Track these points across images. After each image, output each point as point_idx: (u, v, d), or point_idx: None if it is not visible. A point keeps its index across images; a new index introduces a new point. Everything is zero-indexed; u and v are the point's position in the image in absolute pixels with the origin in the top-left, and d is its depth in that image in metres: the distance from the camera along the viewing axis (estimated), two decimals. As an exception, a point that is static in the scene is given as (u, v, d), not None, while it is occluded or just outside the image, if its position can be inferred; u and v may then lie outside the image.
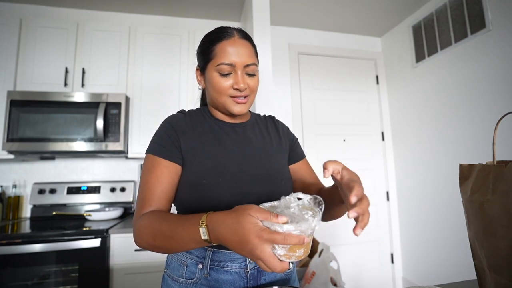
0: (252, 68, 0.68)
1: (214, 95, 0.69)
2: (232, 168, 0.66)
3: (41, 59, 1.78)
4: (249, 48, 0.68)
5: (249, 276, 0.64)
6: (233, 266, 0.64)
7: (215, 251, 0.64)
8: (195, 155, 0.66)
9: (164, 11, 2.21)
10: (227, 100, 0.68)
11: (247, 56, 0.67)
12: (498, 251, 0.48)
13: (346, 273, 2.27)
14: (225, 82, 0.66)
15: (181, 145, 0.66)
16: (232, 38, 0.67)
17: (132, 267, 1.50)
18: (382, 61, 2.67)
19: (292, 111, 2.39)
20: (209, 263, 0.63)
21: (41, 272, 1.38)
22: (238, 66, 0.66)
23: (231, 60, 0.65)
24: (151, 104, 1.89)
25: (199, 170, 0.65)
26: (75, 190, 1.93)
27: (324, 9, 2.24)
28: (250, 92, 0.69)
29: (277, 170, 0.72)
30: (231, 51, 0.65)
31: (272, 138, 0.78)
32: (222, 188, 0.63)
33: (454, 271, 1.90)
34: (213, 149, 0.68)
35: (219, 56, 0.66)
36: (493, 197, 0.48)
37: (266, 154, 0.73)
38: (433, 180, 2.09)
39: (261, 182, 0.67)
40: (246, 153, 0.70)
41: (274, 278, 0.68)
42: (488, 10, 1.68)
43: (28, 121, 1.65)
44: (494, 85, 1.66)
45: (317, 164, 2.50)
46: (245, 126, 0.76)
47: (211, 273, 0.63)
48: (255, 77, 0.70)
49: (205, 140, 0.69)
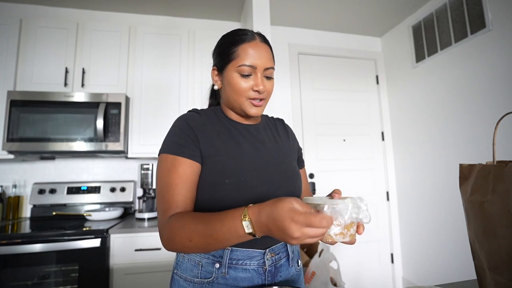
0: (271, 71, 0.70)
1: (232, 95, 0.69)
2: (252, 169, 0.67)
3: (41, 59, 1.78)
4: (269, 52, 0.70)
5: (267, 273, 0.66)
6: (251, 263, 0.65)
7: (233, 250, 0.64)
8: (216, 155, 0.65)
9: (164, 11, 2.21)
10: (245, 102, 0.69)
11: (267, 60, 0.68)
12: (498, 251, 0.48)
13: (346, 273, 2.27)
14: (245, 84, 0.67)
15: (200, 143, 0.65)
16: (254, 41, 0.68)
17: (132, 267, 1.50)
18: (382, 61, 2.67)
19: (292, 111, 2.39)
20: (228, 262, 0.64)
21: (41, 272, 1.38)
22: (259, 69, 0.67)
23: (252, 62, 0.66)
24: (151, 104, 1.89)
25: (220, 169, 0.64)
26: (75, 190, 1.93)
27: (324, 9, 2.24)
28: (267, 95, 0.71)
29: (292, 171, 0.74)
30: (253, 53, 0.66)
31: (283, 140, 0.80)
32: (245, 188, 0.64)
33: (454, 271, 1.90)
34: (233, 149, 0.68)
35: (241, 58, 0.66)
36: (493, 197, 0.48)
37: (280, 155, 0.75)
38: (433, 180, 2.09)
39: (278, 182, 0.69)
40: (262, 154, 0.71)
41: (288, 275, 0.70)
42: (488, 10, 1.68)
43: (28, 121, 1.65)
44: (494, 85, 1.66)
45: (317, 164, 2.51)
46: (258, 128, 0.77)
47: (229, 271, 0.63)
48: (272, 81, 0.71)
49: (223, 140, 0.69)
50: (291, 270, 0.71)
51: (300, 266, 0.76)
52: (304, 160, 0.88)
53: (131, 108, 1.87)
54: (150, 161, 2.08)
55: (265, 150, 0.73)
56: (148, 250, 1.51)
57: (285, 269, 0.70)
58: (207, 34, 2.01)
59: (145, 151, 1.84)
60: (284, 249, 0.71)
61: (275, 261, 0.68)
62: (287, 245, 0.71)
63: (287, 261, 0.71)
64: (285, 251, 0.71)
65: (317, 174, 2.36)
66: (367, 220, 0.47)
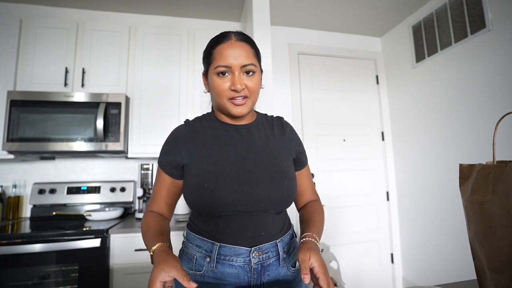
0: (251, 67, 0.69)
1: (215, 97, 0.72)
2: (233, 170, 0.68)
3: (41, 59, 1.78)
4: (246, 49, 0.69)
5: (253, 271, 0.68)
6: (237, 260, 0.67)
7: (221, 246, 0.68)
8: (198, 161, 0.70)
9: (164, 11, 2.21)
10: (227, 102, 0.69)
11: (243, 57, 0.68)
12: (498, 251, 0.48)
13: (346, 273, 2.27)
14: (223, 84, 0.68)
15: (182, 156, 0.72)
16: (229, 41, 0.69)
17: (132, 267, 1.50)
18: (382, 61, 2.67)
19: (292, 111, 2.39)
20: (216, 257, 0.68)
21: (41, 272, 1.38)
22: (234, 68, 0.67)
23: (227, 62, 0.67)
24: (151, 104, 1.89)
25: (201, 174, 0.69)
26: (75, 190, 1.93)
27: (324, 9, 2.24)
28: (250, 93, 0.70)
29: (280, 171, 0.72)
30: (228, 53, 0.67)
31: (276, 139, 0.78)
32: (223, 190, 0.66)
33: (454, 271, 1.90)
34: (215, 153, 0.71)
35: (217, 59, 0.68)
36: (493, 197, 0.48)
37: (269, 154, 0.73)
38: (433, 180, 2.09)
39: (263, 182, 0.69)
40: (247, 155, 0.71)
41: (278, 275, 0.71)
42: (488, 10, 1.68)
43: (28, 121, 1.65)
44: (494, 85, 1.66)
45: (317, 164, 2.51)
46: (250, 128, 0.76)
47: (217, 266, 0.67)
48: (254, 78, 0.70)
49: (207, 145, 0.72)
50: (282, 270, 0.71)
51: (297, 267, 0.75)
52: (305, 160, 0.84)
53: (131, 108, 1.87)
54: (150, 161, 2.08)
55: (253, 149, 0.72)
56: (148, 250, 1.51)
57: (274, 269, 0.70)
58: (207, 34, 2.01)
59: (145, 151, 1.84)
60: (274, 249, 0.71)
61: (262, 260, 0.68)
62: (277, 244, 0.71)
63: (277, 261, 0.71)
64: (275, 251, 0.71)
65: (317, 174, 2.36)
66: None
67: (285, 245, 0.74)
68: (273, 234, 0.71)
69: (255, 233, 0.68)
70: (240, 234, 0.68)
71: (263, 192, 0.68)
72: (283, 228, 0.75)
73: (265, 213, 0.69)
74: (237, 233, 0.68)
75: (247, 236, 0.68)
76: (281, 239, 0.73)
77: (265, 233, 0.70)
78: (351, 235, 2.39)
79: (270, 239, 0.70)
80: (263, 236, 0.69)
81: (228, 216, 0.68)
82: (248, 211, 0.68)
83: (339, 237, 2.34)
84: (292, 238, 0.79)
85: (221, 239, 0.68)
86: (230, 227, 0.68)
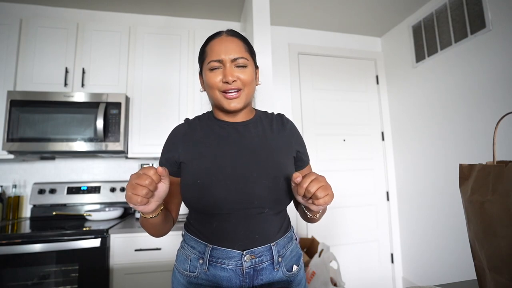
0: (242, 61, 0.69)
1: (209, 93, 0.73)
2: (227, 167, 0.68)
3: (41, 59, 1.78)
4: (236, 43, 0.71)
5: (245, 275, 0.66)
6: (229, 263, 0.66)
7: (214, 248, 0.67)
8: (193, 159, 0.71)
9: (164, 11, 2.21)
10: (219, 96, 0.70)
11: (234, 51, 0.69)
12: (498, 251, 0.48)
13: (346, 273, 2.27)
14: (215, 77, 0.69)
15: (179, 153, 0.72)
16: (219, 37, 0.71)
17: (132, 267, 1.50)
18: (382, 61, 2.67)
19: (292, 111, 2.39)
20: (208, 259, 0.67)
21: (41, 272, 1.38)
22: (225, 61, 0.68)
23: (218, 56, 0.68)
24: (151, 104, 1.89)
25: (195, 171, 0.69)
26: (75, 190, 1.93)
27: (324, 9, 2.24)
28: (242, 85, 0.70)
29: (277, 168, 0.70)
30: (218, 48, 0.69)
31: (275, 135, 0.76)
32: (217, 187, 0.66)
33: (454, 271, 1.90)
34: (210, 150, 0.71)
35: (209, 55, 0.70)
36: (493, 197, 0.48)
37: (266, 151, 0.72)
38: (433, 180, 2.09)
39: (258, 179, 0.67)
40: (243, 152, 0.71)
41: (272, 279, 0.68)
42: (488, 10, 1.68)
43: (28, 121, 1.65)
44: (494, 85, 1.66)
45: (317, 164, 2.50)
46: (248, 125, 0.76)
47: (210, 268, 0.67)
48: (247, 70, 0.70)
49: (204, 142, 0.72)
50: (277, 275, 0.69)
51: (294, 271, 0.72)
52: (307, 159, 0.83)
53: (131, 108, 1.87)
54: (150, 161, 2.08)
55: (249, 146, 0.72)
56: (148, 250, 1.51)
57: (267, 273, 0.68)
58: (207, 34, 1.98)
59: (145, 151, 1.84)
60: (268, 253, 0.68)
61: (254, 264, 0.66)
62: (271, 248, 0.69)
63: (271, 265, 0.68)
64: (269, 255, 0.68)
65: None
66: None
67: (281, 248, 0.71)
68: (269, 236, 0.69)
69: (248, 235, 0.67)
70: (233, 237, 0.66)
71: (257, 189, 0.66)
72: (280, 229, 0.72)
73: (261, 212, 0.68)
74: (229, 235, 0.67)
75: (240, 239, 0.66)
76: (277, 242, 0.70)
77: (260, 236, 0.67)
78: (351, 235, 2.39)
79: (265, 242, 0.68)
80: (257, 239, 0.67)
81: (222, 216, 0.67)
82: (242, 209, 0.66)
83: (339, 237, 2.34)
84: (290, 241, 0.75)
85: (214, 240, 0.67)
86: (223, 228, 0.67)
